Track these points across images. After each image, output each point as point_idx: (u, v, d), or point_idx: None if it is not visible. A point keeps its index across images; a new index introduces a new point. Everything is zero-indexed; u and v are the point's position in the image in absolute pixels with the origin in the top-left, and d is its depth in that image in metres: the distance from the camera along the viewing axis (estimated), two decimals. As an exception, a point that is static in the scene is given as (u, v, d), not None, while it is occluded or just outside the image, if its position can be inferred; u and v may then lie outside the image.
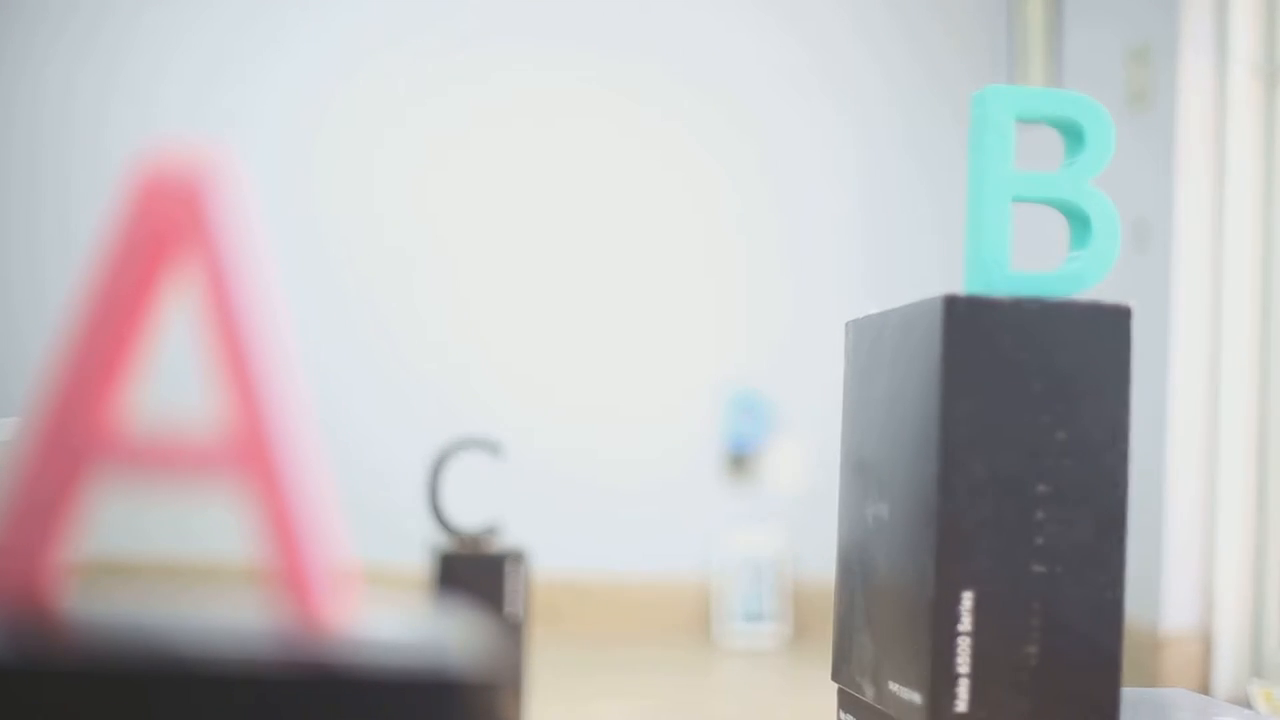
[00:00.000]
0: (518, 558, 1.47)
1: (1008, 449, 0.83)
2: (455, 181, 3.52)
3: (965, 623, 0.82)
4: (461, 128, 3.53)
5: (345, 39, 3.53)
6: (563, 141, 3.54)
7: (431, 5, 3.54)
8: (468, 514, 1.72)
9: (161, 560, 3.35)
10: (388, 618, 0.38)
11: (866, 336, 0.95)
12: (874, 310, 0.93)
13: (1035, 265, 0.91)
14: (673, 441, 3.51)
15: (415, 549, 3.07)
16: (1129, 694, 0.95)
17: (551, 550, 3.39)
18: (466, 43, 3.53)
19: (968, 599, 0.82)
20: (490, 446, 1.59)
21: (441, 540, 1.52)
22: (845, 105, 3.55)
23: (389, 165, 3.52)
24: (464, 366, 3.49)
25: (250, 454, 0.36)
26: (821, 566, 3.48)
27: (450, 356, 3.50)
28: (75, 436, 0.37)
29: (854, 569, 0.96)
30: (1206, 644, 2.69)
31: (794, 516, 3.48)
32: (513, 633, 1.43)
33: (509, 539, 1.68)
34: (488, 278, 3.52)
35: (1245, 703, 2.52)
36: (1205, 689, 2.65)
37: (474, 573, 1.45)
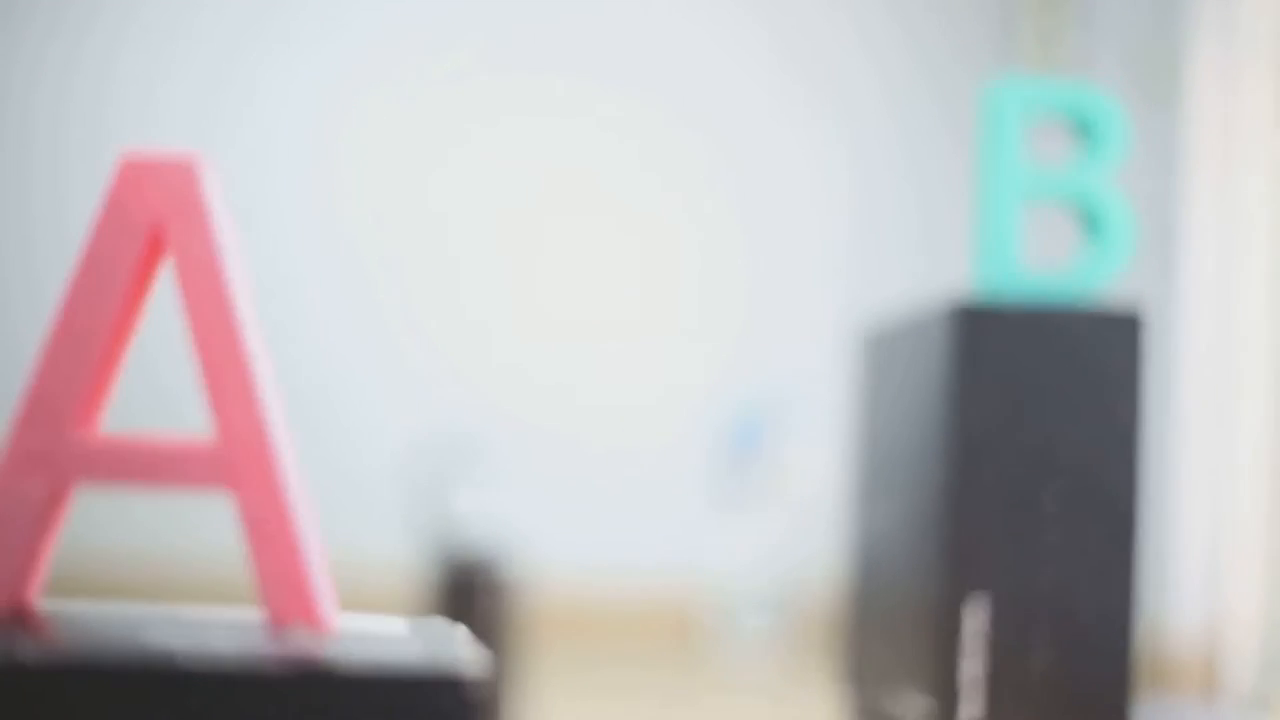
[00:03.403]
0: (513, 589, 1.46)
1: (1019, 456, 0.83)
2: (453, 183, 3.52)
3: (976, 629, 0.82)
4: (460, 125, 3.52)
5: (346, 39, 3.52)
6: (556, 142, 3.53)
7: (429, 7, 3.53)
8: (461, 515, 1.71)
9: (151, 561, 3.34)
10: (376, 619, 0.37)
11: (876, 344, 0.95)
12: (871, 309, 0.92)
13: (1044, 263, 0.90)
14: (671, 446, 3.50)
15: (407, 538, 3.07)
16: (1142, 704, 0.94)
17: (541, 561, 3.38)
18: (457, 47, 3.53)
19: (978, 606, 0.82)
20: (464, 452, 1.58)
21: (433, 563, 1.51)
22: (839, 105, 3.54)
23: (390, 165, 3.51)
24: (465, 365, 3.48)
25: (238, 456, 0.36)
26: (824, 572, 3.48)
27: (450, 352, 3.49)
28: (57, 437, 0.36)
29: (863, 575, 0.96)
30: (1217, 647, 2.68)
31: (796, 523, 3.47)
32: (503, 658, 1.42)
33: (501, 562, 1.66)
34: (486, 277, 3.51)
35: (1259, 705, 2.51)
36: (1215, 692, 2.64)
37: (468, 600, 1.43)
